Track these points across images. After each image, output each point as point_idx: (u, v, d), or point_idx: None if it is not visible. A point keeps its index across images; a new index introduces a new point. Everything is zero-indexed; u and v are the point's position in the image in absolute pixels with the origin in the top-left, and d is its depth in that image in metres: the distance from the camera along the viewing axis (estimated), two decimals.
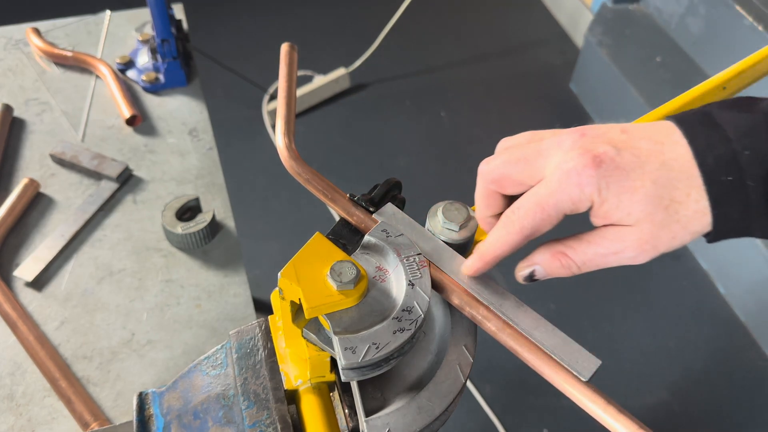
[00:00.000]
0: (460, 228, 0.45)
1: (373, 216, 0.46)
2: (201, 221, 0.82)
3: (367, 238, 0.44)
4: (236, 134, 2.18)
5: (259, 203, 1.99)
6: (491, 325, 0.41)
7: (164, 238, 0.84)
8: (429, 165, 2.12)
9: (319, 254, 0.42)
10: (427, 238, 0.45)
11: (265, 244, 1.86)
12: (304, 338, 0.44)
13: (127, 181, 0.92)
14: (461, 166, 2.12)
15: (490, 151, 0.41)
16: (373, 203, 0.47)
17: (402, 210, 0.49)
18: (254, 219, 1.93)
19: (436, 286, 0.43)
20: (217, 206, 0.88)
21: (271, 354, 0.48)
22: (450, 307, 0.45)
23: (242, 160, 2.09)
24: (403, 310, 0.40)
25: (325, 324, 0.41)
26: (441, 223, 0.45)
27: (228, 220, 0.87)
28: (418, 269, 0.42)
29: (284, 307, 0.44)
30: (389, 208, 0.47)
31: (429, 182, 2.06)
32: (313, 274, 0.41)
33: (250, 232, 1.88)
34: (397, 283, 0.42)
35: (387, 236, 0.44)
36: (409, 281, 0.41)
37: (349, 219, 0.47)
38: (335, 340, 0.39)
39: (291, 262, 0.42)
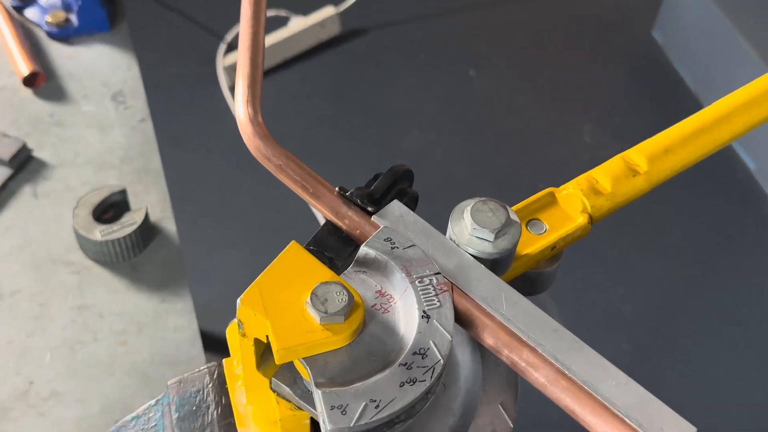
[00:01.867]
0: (496, 236, 0.45)
1: (373, 219, 0.46)
2: (129, 223, 0.83)
3: (363, 249, 0.44)
4: (180, 100, 2.18)
5: (212, 198, 1.99)
6: (539, 375, 0.41)
7: (77, 247, 0.85)
8: (452, 146, 2.12)
9: (295, 273, 0.42)
10: (450, 251, 0.45)
11: (219, 256, 1.86)
12: (274, 391, 0.44)
13: (24, 165, 0.92)
14: (497, 146, 2.12)
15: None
16: (372, 200, 0.47)
17: (414, 210, 0.48)
18: (205, 220, 1.93)
19: (462, 318, 0.43)
20: (151, 202, 0.89)
21: (227, 414, 0.48)
22: (481, 349, 0.45)
23: (188, 138, 2.09)
24: (415, 354, 0.40)
25: (304, 372, 0.41)
26: (469, 229, 0.45)
27: (167, 221, 0.88)
28: (436, 295, 0.42)
29: (245, 346, 0.44)
30: (396, 207, 0.47)
31: (452, 170, 2.06)
32: (286, 301, 0.41)
33: (199, 239, 1.88)
34: (405, 314, 0.42)
35: (392, 247, 0.44)
36: (423, 312, 0.41)
37: (339, 223, 0.47)
38: (318, 395, 0.39)
39: (255, 284, 0.41)
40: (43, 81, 1.00)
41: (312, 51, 2.31)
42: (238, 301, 0.41)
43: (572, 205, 0.51)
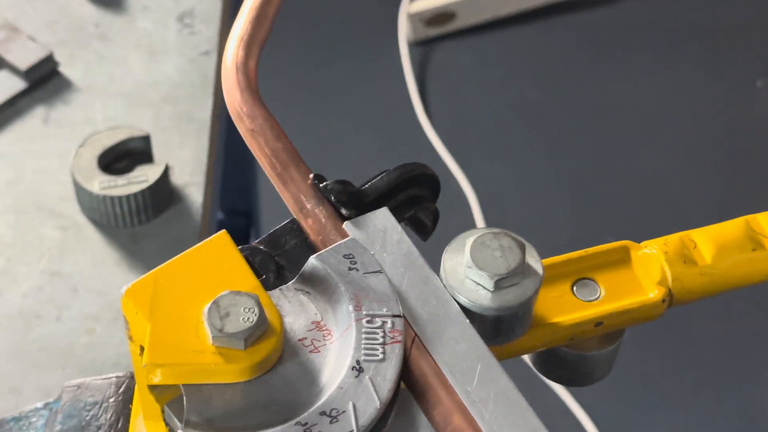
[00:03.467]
0: (498, 286, 0.44)
1: (344, 226, 0.47)
2: (138, 179, 0.86)
3: (311, 262, 0.44)
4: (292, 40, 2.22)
5: None
6: None
7: (74, 197, 0.89)
8: (704, 183, 2.06)
9: (210, 272, 0.44)
10: (432, 292, 0.45)
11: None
12: (166, 425, 0.45)
13: (44, 81, 0.98)
14: None
15: None
16: (356, 202, 0.48)
17: (427, 236, 0.50)
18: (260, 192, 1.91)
19: (414, 385, 0.43)
20: (183, 160, 0.92)
21: None
22: None
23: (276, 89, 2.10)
24: (322, 414, 0.40)
25: (170, 395, 0.43)
26: (465, 268, 0.45)
27: (194, 188, 0.91)
28: (384, 344, 0.42)
29: (134, 354, 0.45)
30: (381, 217, 0.47)
31: (693, 219, 1.97)
32: (183, 306, 0.42)
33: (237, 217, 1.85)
34: (337, 360, 0.42)
35: (350, 268, 0.44)
36: (357, 362, 0.41)
37: (301, 221, 0.48)
38: None
39: (152, 274, 0.43)
40: None
41: (530, 14, 2.31)
42: (123, 289, 0.43)
43: (648, 272, 0.50)
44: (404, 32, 2.22)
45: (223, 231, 0.45)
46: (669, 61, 2.25)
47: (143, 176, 0.87)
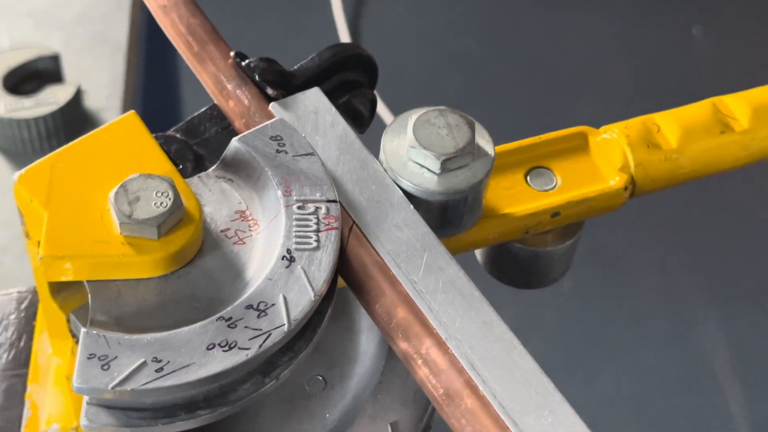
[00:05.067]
0: (445, 167, 0.43)
1: (270, 107, 0.45)
2: (49, 101, 0.82)
3: (234, 145, 0.43)
4: None
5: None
6: (438, 383, 0.38)
7: None
8: None
9: (117, 156, 0.41)
10: (370, 176, 0.44)
11: None
12: (73, 336, 0.44)
13: None
14: None
15: None
16: (284, 83, 0.46)
17: (365, 126, 0.49)
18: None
19: (353, 277, 0.42)
20: (98, 82, 0.89)
21: (20, 361, 0.48)
22: None
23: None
24: (248, 308, 0.38)
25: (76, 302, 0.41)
26: (408, 149, 0.43)
27: (110, 113, 0.87)
28: (318, 231, 0.40)
29: (32, 254, 0.43)
30: (312, 98, 0.46)
31: None
32: (86, 193, 0.40)
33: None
34: (266, 251, 0.41)
35: (278, 150, 0.43)
36: (287, 251, 0.40)
37: (222, 104, 0.46)
38: (81, 335, 0.37)
39: (48, 159, 0.41)
40: None
41: None
42: (15, 176, 0.41)
43: (608, 158, 0.49)
44: None
45: (132, 112, 0.44)
46: (604, 10, 2.28)
47: (53, 98, 0.83)
